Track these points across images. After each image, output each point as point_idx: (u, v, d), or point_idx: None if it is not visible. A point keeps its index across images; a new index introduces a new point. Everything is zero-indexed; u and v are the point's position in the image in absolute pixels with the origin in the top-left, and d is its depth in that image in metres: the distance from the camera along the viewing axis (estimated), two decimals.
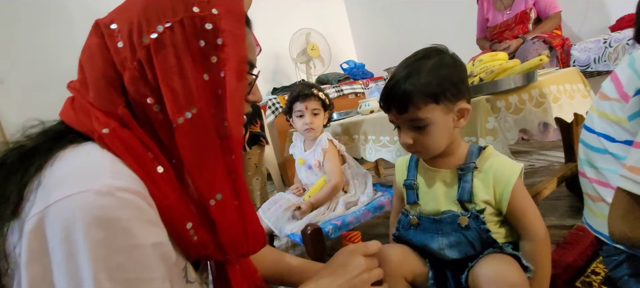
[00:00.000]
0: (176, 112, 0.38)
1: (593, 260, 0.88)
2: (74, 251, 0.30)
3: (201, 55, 0.39)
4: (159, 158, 0.38)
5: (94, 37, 0.39)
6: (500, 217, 0.63)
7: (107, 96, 0.38)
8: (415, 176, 0.69)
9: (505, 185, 0.60)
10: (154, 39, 0.37)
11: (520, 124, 0.91)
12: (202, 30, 0.38)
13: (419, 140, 0.61)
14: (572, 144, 1.25)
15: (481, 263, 0.57)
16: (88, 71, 0.39)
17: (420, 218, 0.67)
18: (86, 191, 0.31)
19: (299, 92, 1.19)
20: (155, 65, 0.37)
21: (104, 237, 0.30)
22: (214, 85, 0.40)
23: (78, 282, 0.30)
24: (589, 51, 1.70)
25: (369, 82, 2.86)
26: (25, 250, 0.30)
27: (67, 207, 0.30)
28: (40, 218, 0.30)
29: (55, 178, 0.33)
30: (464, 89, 0.61)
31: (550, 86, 0.97)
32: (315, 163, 1.22)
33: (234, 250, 0.44)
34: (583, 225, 1.02)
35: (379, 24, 3.50)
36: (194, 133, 0.38)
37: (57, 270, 0.30)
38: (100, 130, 0.36)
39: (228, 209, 0.42)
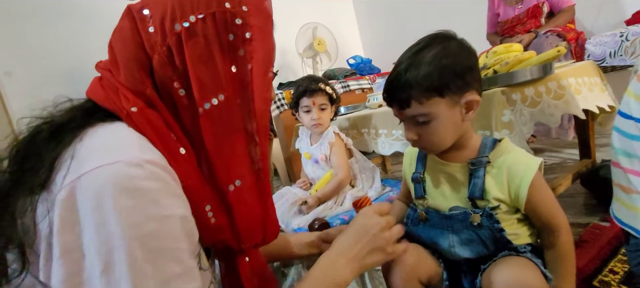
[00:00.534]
0: (203, 97, 0.39)
1: (611, 259, 0.85)
2: (104, 219, 0.30)
3: (230, 48, 0.41)
4: (181, 140, 0.40)
5: (126, 20, 0.41)
6: (518, 215, 0.59)
7: (137, 76, 0.39)
8: (422, 169, 0.66)
9: (520, 182, 0.55)
10: (186, 27, 0.39)
11: (537, 117, 0.88)
12: (232, 24, 0.40)
13: (423, 136, 0.58)
14: (587, 140, 1.21)
15: (497, 266, 0.54)
16: (118, 52, 0.41)
17: (428, 213, 0.64)
18: (117, 162, 0.32)
19: (306, 87, 1.17)
20: (185, 52, 0.39)
21: (133, 205, 0.31)
22: (241, 76, 0.41)
23: (109, 249, 0.30)
24: (605, 45, 1.64)
25: (376, 77, 2.82)
26: (57, 218, 0.30)
27: (98, 176, 0.31)
28: (72, 188, 0.31)
29: (86, 150, 0.34)
30: (472, 79, 0.55)
31: (568, 78, 0.93)
32: (322, 158, 1.20)
33: (250, 239, 0.44)
34: (599, 223, 1.00)
35: (386, 19, 3.45)
36: (219, 119, 0.40)
37: (87, 238, 0.31)
38: (128, 108, 0.37)
39: (246, 196, 0.43)
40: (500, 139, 0.60)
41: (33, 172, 0.34)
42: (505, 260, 0.55)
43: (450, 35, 0.58)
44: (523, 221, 0.60)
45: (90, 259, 0.30)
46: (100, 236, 0.30)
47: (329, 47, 2.88)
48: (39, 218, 0.32)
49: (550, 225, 0.56)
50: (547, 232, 0.57)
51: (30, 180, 0.33)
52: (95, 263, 0.30)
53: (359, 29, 3.80)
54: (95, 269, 0.30)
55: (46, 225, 0.31)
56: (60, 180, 0.32)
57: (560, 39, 1.79)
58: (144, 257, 0.31)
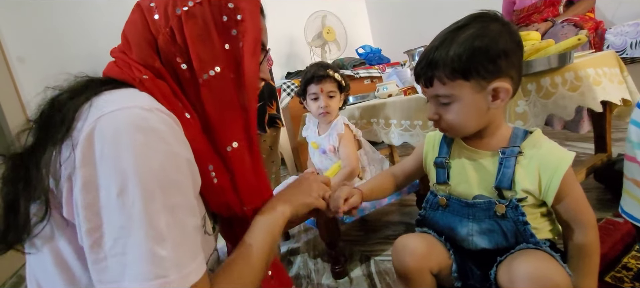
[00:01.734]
0: (201, 69, 0.46)
1: (624, 255, 0.83)
2: (120, 151, 0.34)
3: (224, 28, 0.47)
4: (186, 106, 0.45)
5: (136, 13, 0.48)
6: (543, 209, 0.58)
7: (147, 52, 0.45)
8: (448, 154, 0.64)
9: (552, 174, 0.53)
10: (185, 10, 0.45)
11: (550, 109, 0.85)
12: (225, 8, 0.47)
13: (444, 117, 0.57)
14: (603, 134, 1.18)
15: (517, 259, 0.52)
16: (131, 37, 0.47)
17: (449, 200, 0.62)
18: (133, 106, 0.37)
19: (314, 73, 1.12)
20: (184, 31, 0.45)
21: (146, 141, 0.36)
22: (233, 53, 0.48)
23: (124, 175, 0.34)
24: (626, 35, 1.58)
25: (385, 67, 2.78)
26: (79, 154, 0.35)
27: (116, 116, 0.36)
28: (93, 127, 0.35)
29: (104, 101, 0.39)
30: (506, 66, 0.53)
31: (587, 69, 0.90)
32: (330, 148, 1.18)
33: (250, 200, 0.50)
34: (613, 219, 0.98)
35: (396, 7, 3.38)
36: (216, 88, 0.46)
37: (105, 168, 0.34)
38: (140, 76, 0.43)
39: (243, 158, 0.49)
40: (531, 130, 0.58)
41: (56, 125, 0.38)
42: (525, 252, 0.54)
43: (494, 16, 0.55)
44: (546, 216, 0.59)
45: (107, 186, 0.34)
46: (116, 165, 0.34)
47: (338, 36, 2.84)
48: (62, 160, 0.36)
49: (578, 222, 0.55)
50: (572, 229, 0.56)
51: (54, 132, 0.37)
52: (112, 188, 0.34)
53: (369, 18, 3.73)
54: (112, 193, 0.34)
55: (69, 165, 0.35)
56: (81, 124, 0.37)
57: (577, 28, 1.73)
58: (154, 184, 0.35)
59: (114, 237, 0.34)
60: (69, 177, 0.35)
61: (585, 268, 0.54)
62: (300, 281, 1.07)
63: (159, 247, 0.34)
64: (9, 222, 0.38)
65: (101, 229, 0.34)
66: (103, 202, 0.34)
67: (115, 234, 0.34)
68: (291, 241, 1.37)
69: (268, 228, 0.50)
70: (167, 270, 0.34)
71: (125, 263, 0.33)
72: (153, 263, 0.34)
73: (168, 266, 0.34)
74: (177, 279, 0.35)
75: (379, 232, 1.28)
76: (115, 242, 0.34)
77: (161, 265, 0.34)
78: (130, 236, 0.34)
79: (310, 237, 1.38)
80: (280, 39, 3.03)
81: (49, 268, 0.39)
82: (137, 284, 0.33)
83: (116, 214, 0.34)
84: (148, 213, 0.34)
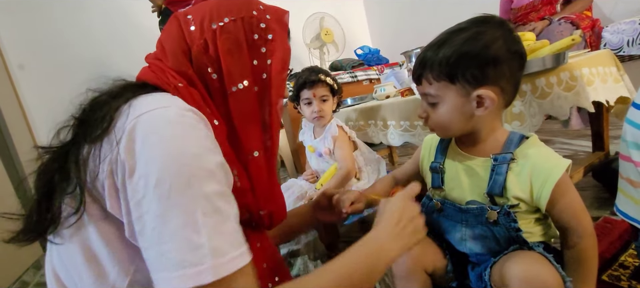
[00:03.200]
0: (230, 82, 0.48)
1: (621, 253, 0.83)
2: (158, 142, 0.36)
3: (254, 45, 0.50)
4: (214, 114, 0.47)
5: (173, 24, 0.50)
6: (537, 215, 0.57)
7: (182, 60, 0.48)
8: (442, 159, 0.64)
9: (544, 182, 0.52)
10: (220, 26, 0.48)
11: (546, 109, 0.86)
12: (257, 27, 0.50)
13: (431, 116, 0.58)
14: (600, 132, 1.18)
15: (509, 260, 0.52)
16: (167, 45, 0.50)
17: (444, 204, 0.63)
18: (170, 106, 0.40)
19: (306, 78, 1.14)
20: (217, 44, 0.48)
21: (182, 134, 0.38)
22: (261, 69, 0.50)
23: (162, 166, 0.35)
24: (623, 33, 1.59)
25: (384, 67, 2.79)
26: (122, 149, 0.36)
27: (155, 114, 0.38)
28: (133, 125, 0.37)
29: (144, 102, 0.41)
30: (495, 75, 0.51)
31: (582, 69, 0.90)
32: (326, 151, 1.19)
33: (266, 204, 0.52)
34: (610, 217, 0.98)
35: (395, 8, 3.38)
36: (242, 101, 0.49)
37: (145, 158, 0.36)
38: (176, 83, 0.46)
39: (261, 166, 0.51)
40: (527, 136, 0.57)
41: (96, 122, 0.40)
42: (518, 254, 0.53)
43: (498, 22, 0.53)
44: (541, 221, 0.58)
45: (145, 176, 0.35)
46: (154, 156, 0.36)
47: (337, 38, 2.85)
48: (103, 156, 0.38)
49: (574, 229, 0.53)
50: (568, 235, 0.55)
51: (94, 129, 0.39)
52: (150, 179, 0.35)
53: (367, 19, 3.74)
54: (150, 184, 0.35)
55: (110, 160, 0.37)
56: (122, 122, 0.38)
57: (574, 27, 1.73)
58: (189, 173, 0.36)
59: (152, 226, 0.35)
60: (111, 171, 0.37)
61: (582, 275, 0.53)
62: None
63: (195, 234, 0.34)
64: (41, 212, 0.39)
65: (143, 219, 0.35)
66: (143, 192, 0.35)
67: (153, 223, 0.35)
68: (291, 243, 1.38)
69: (367, 262, 0.46)
70: (203, 257, 0.34)
71: (162, 252, 0.34)
72: (188, 252, 0.34)
73: (203, 254, 0.34)
74: (212, 266, 0.34)
75: None
76: (153, 231, 0.34)
77: (196, 253, 0.34)
78: (166, 225, 0.34)
79: (310, 239, 1.38)
80: None
81: (77, 262, 0.39)
82: (172, 273, 0.33)
83: (154, 204, 0.35)
84: (183, 202, 0.35)
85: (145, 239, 0.35)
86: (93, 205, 0.39)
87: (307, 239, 1.39)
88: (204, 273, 0.34)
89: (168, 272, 0.34)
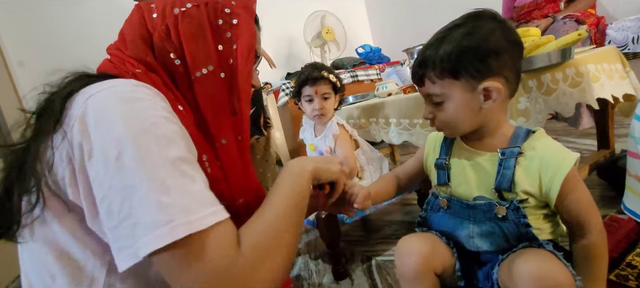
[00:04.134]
0: (195, 67, 0.47)
1: (629, 253, 0.82)
2: (111, 120, 0.36)
3: (218, 30, 0.49)
4: (179, 99, 0.46)
5: (135, 13, 0.50)
6: (546, 210, 0.56)
7: (141, 47, 0.47)
8: (448, 156, 0.63)
9: (553, 175, 0.51)
10: (183, 11, 0.48)
11: (552, 105, 0.84)
12: (221, 12, 0.49)
13: (437, 116, 0.57)
14: (606, 130, 1.16)
15: (519, 258, 0.50)
16: (127, 34, 0.49)
17: (450, 201, 0.61)
18: (118, 84, 0.39)
19: (308, 75, 1.11)
20: (179, 29, 0.47)
21: (135, 108, 0.37)
22: (226, 54, 0.49)
23: (119, 140, 0.35)
24: (627, 30, 1.57)
25: (385, 66, 2.78)
26: (76, 134, 0.36)
27: (103, 94, 0.38)
28: (84, 109, 0.37)
29: (93, 87, 0.40)
30: (498, 66, 0.52)
31: (588, 65, 0.89)
32: (327, 150, 1.16)
33: (240, 193, 0.50)
34: (616, 216, 0.97)
35: (396, 7, 3.37)
36: (208, 86, 0.48)
37: (100, 139, 0.35)
38: (133, 70, 0.45)
39: (231, 154, 0.50)
40: (534, 130, 0.56)
41: (48, 115, 0.39)
42: (528, 251, 0.52)
43: (490, 15, 0.54)
44: (549, 217, 0.57)
45: (104, 153, 0.35)
46: (110, 133, 0.35)
47: (338, 36, 2.84)
48: (55, 145, 0.37)
49: (583, 225, 0.52)
50: (578, 232, 0.54)
51: (46, 122, 0.39)
52: (110, 154, 0.35)
53: (369, 18, 3.73)
54: (110, 159, 0.34)
55: (64, 149, 0.37)
56: (73, 110, 0.38)
57: (578, 24, 1.72)
58: (148, 140, 0.36)
59: (120, 200, 0.34)
60: (69, 159, 0.36)
61: (592, 273, 0.51)
62: (302, 282, 1.06)
63: (164, 195, 0.34)
64: (2, 210, 0.39)
65: (108, 197, 0.34)
66: (104, 169, 0.35)
67: (120, 197, 0.34)
68: None
69: (293, 178, 0.50)
70: (174, 214, 0.34)
71: (134, 222, 0.33)
72: (159, 212, 0.33)
73: (174, 212, 0.34)
74: (186, 222, 0.34)
75: (380, 232, 1.27)
76: (121, 205, 0.34)
77: (167, 212, 0.34)
78: (134, 194, 0.34)
79: (311, 238, 1.37)
80: (279, 40, 3.03)
81: (47, 262, 0.39)
82: (148, 237, 0.33)
83: (117, 177, 0.34)
84: (147, 168, 0.34)
85: (113, 217, 0.34)
86: (53, 199, 0.38)
87: (307, 238, 1.37)
88: (177, 229, 0.33)
89: (145, 237, 0.33)
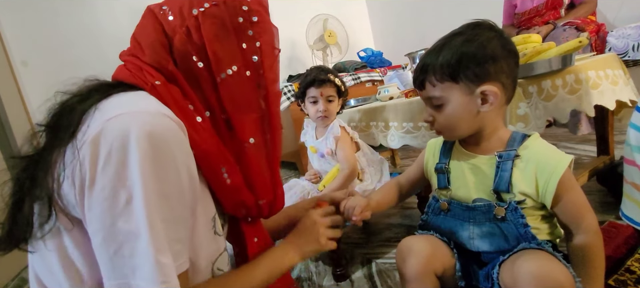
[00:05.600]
0: (219, 69, 0.47)
1: (627, 258, 0.82)
2: (126, 160, 0.35)
3: (240, 28, 0.48)
4: (198, 110, 0.46)
5: (147, 17, 0.48)
6: (543, 212, 0.58)
7: (161, 53, 0.46)
8: (447, 160, 0.65)
9: (549, 176, 0.54)
10: (202, 11, 0.46)
11: (551, 111, 0.85)
12: (240, 10, 0.49)
13: (437, 119, 0.60)
14: (605, 136, 1.17)
15: (520, 258, 0.52)
16: (142, 40, 0.47)
17: (450, 204, 0.63)
18: (138, 112, 0.38)
19: (315, 77, 1.13)
20: (202, 30, 0.46)
21: (152, 152, 0.36)
22: (250, 52, 0.49)
23: (130, 188, 0.35)
24: (628, 38, 1.58)
25: (386, 70, 2.79)
26: (86, 157, 0.35)
27: (121, 122, 0.36)
28: (98, 132, 0.36)
29: (111, 105, 0.40)
30: (495, 71, 0.55)
31: (588, 71, 0.90)
32: (328, 152, 1.18)
33: (264, 193, 0.51)
34: (615, 222, 0.97)
35: (398, 11, 3.39)
36: (234, 86, 0.48)
37: (109, 178, 0.35)
38: (153, 82, 0.44)
39: (259, 154, 0.50)
40: (529, 134, 0.59)
41: (63, 128, 0.39)
42: (528, 252, 0.53)
43: (488, 25, 0.57)
44: (547, 219, 0.59)
45: (114, 192, 0.35)
46: (123, 173, 0.35)
47: (340, 39, 2.85)
48: (67, 163, 0.36)
49: (579, 226, 0.54)
50: (574, 233, 0.55)
51: (61, 135, 0.38)
52: (120, 195, 0.35)
53: (371, 21, 3.74)
54: (120, 200, 0.35)
55: (73, 167, 0.36)
56: (86, 127, 0.37)
57: (579, 31, 1.73)
58: (158, 196, 0.36)
59: (121, 240, 0.35)
60: (74, 179, 0.36)
61: (588, 274, 0.52)
62: (302, 284, 1.06)
63: (161, 255, 0.36)
64: (15, 220, 0.39)
65: (109, 230, 0.35)
66: (110, 206, 0.35)
67: (122, 238, 0.35)
68: None
69: (272, 267, 0.52)
70: (169, 276, 0.36)
71: (134, 265, 0.35)
72: (158, 270, 0.35)
73: (169, 272, 0.37)
74: (176, 285, 0.37)
75: (380, 235, 1.27)
76: (122, 245, 0.35)
77: (164, 271, 0.36)
78: (138, 242, 0.35)
79: None
80: (281, 42, 3.02)
81: (54, 269, 0.39)
82: (146, 283, 0.35)
83: (123, 220, 0.35)
84: (152, 223, 0.36)
85: (111, 249, 0.35)
86: (62, 214, 0.38)
87: None
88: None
89: (141, 281, 0.35)
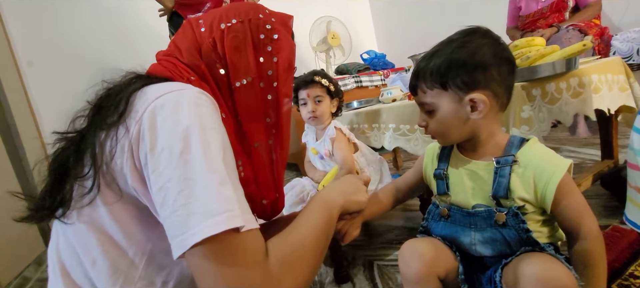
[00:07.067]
0: (236, 77, 0.52)
1: (631, 263, 0.81)
2: (179, 118, 0.39)
3: (260, 44, 0.54)
4: (222, 107, 0.50)
5: (187, 27, 0.55)
6: (544, 216, 0.57)
7: (196, 57, 0.52)
8: (446, 166, 0.65)
9: (547, 182, 0.53)
10: (228, 26, 0.53)
11: (555, 114, 0.85)
12: (263, 28, 0.54)
13: (430, 124, 0.60)
14: (609, 139, 1.17)
15: (523, 261, 0.51)
16: (181, 44, 0.53)
17: (450, 210, 0.63)
18: (187, 89, 0.43)
19: (302, 79, 1.18)
20: (224, 43, 0.52)
21: (201, 110, 0.41)
22: (266, 66, 0.54)
23: (186, 134, 0.38)
24: (632, 41, 1.57)
25: (389, 72, 2.79)
26: (145, 127, 0.39)
27: (173, 95, 0.41)
28: (154, 105, 0.40)
29: (158, 87, 0.43)
30: (485, 79, 0.54)
31: (591, 75, 0.89)
32: (326, 153, 1.19)
33: (268, 193, 0.55)
34: (619, 226, 0.96)
35: (401, 13, 3.40)
36: (247, 94, 0.53)
37: (164, 136, 0.38)
38: (188, 77, 0.49)
39: (263, 157, 0.54)
40: (527, 138, 0.58)
41: (110, 109, 0.42)
42: (532, 254, 0.53)
43: (483, 32, 0.57)
44: (547, 223, 0.58)
45: (169, 147, 0.38)
46: (177, 128, 0.38)
47: (343, 42, 2.86)
48: (119, 136, 0.40)
49: (579, 230, 0.53)
50: (574, 237, 0.54)
51: (111, 114, 0.41)
52: (175, 148, 0.37)
53: (374, 24, 3.75)
54: (175, 152, 0.37)
55: (128, 140, 0.39)
56: (139, 105, 0.41)
57: (582, 34, 1.72)
58: (212, 141, 0.39)
59: (177, 190, 0.36)
60: (131, 150, 0.39)
61: (589, 278, 0.52)
62: None
63: (223, 187, 0.37)
64: (54, 193, 0.42)
65: (166, 188, 0.37)
66: (167, 161, 0.37)
67: (178, 187, 0.36)
68: None
69: (324, 208, 0.53)
70: (232, 204, 0.37)
71: (189, 211, 0.35)
72: (219, 201, 0.36)
73: (232, 202, 0.37)
74: (241, 215, 0.37)
75: (382, 237, 1.27)
76: (178, 195, 0.36)
77: (227, 202, 0.37)
78: (195, 186, 0.36)
79: None
80: None
81: (90, 246, 0.41)
82: (203, 223, 0.35)
83: (180, 170, 0.37)
84: (210, 162, 0.38)
85: (168, 206, 0.36)
86: (106, 189, 0.41)
87: None
88: (235, 218, 0.36)
89: (198, 225, 0.35)
